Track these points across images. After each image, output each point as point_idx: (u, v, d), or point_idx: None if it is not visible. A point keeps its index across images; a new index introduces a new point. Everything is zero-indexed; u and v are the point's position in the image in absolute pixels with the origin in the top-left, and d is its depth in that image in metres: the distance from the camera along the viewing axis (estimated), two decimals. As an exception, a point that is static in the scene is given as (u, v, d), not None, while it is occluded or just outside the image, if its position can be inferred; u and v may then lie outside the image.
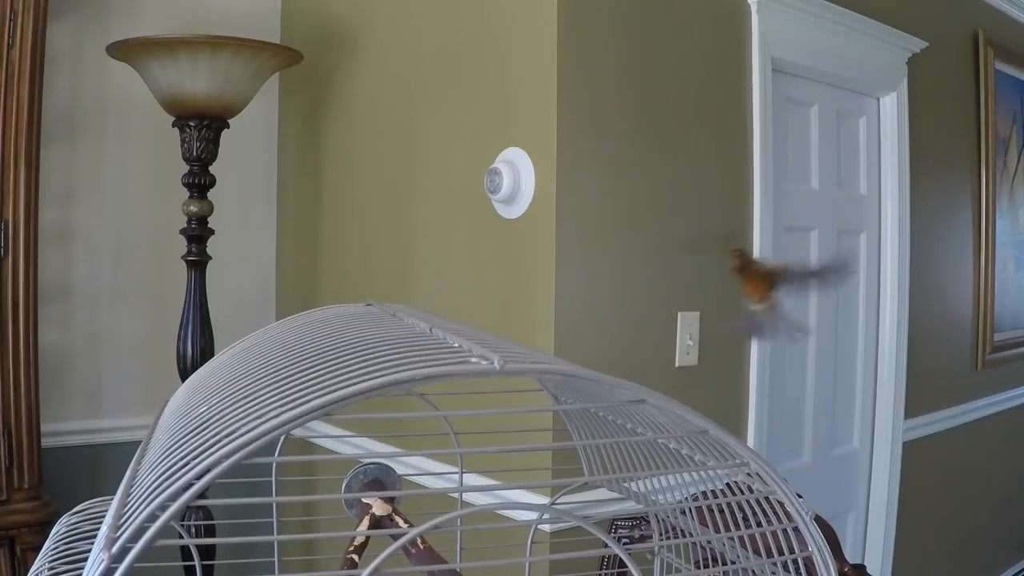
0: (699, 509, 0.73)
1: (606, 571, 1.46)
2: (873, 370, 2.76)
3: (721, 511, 0.70)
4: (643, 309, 1.99)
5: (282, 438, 0.67)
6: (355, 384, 0.50)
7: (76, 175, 2.36)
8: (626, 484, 0.84)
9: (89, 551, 0.74)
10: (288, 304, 2.65)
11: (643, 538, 1.26)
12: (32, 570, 0.84)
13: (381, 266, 2.36)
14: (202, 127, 2.13)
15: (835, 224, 2.60)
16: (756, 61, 2.23)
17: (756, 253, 2.15)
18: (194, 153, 2.14)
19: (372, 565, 0.49)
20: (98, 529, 0.58)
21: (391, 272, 2.32)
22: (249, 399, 0.55)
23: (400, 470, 0.94)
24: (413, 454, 0.68)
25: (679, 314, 2.05)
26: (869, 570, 1.53)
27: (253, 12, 2.61)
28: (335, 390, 0.50)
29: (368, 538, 0.83)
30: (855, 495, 2.74)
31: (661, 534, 0.82)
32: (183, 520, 2.01)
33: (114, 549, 0.43)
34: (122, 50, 2.04)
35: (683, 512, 0.78)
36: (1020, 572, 3.88)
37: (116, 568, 0.43)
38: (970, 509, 3.40)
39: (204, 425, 0.54)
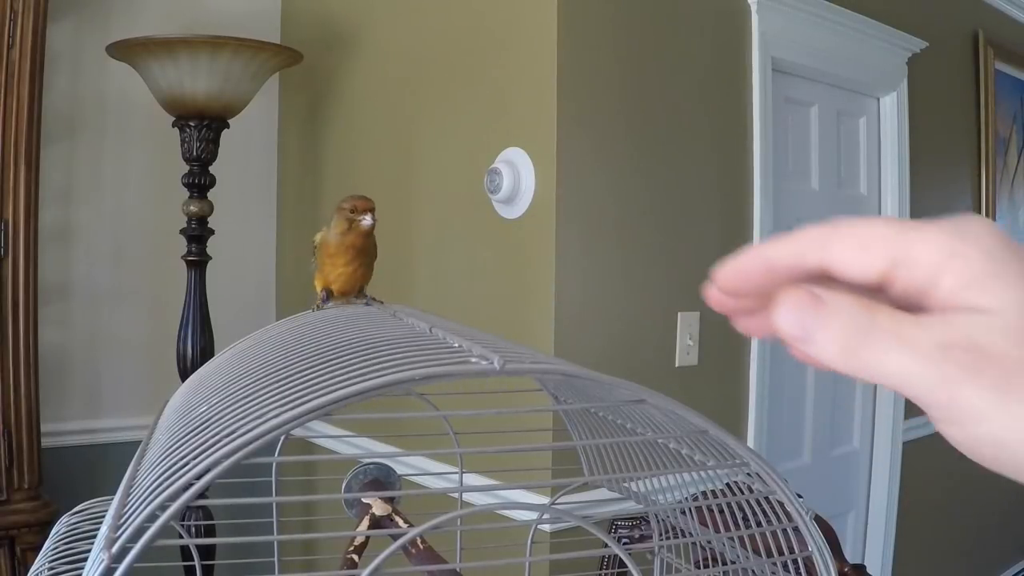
0: (699, 509, 0.73)
1: (606, 571, 1.46)
2: (873, 370, 2.76)
3: (721, 511, 0.70)
4: (643, 309, 1.99)
5: (282, 438, 0.67)
6: (355, 384, 0.50)
7: (76, 175, 2.36)
8: (626, 484, 0.84)
9: (89, 551, 0.74)
10: (288, 304, 2.64)
11: (643, 538, 1.26)
12: (32, 570, 0.84)
13: (381, 266, 2.35)
14: (202, 127, 2.13)
15: (835, 224, 2.60)
16: (756, 61, 2.23)
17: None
18: (194, 153, 2.14)
19: (372, 565, 0.49)
20: (98, 529, 0.58)
21: (391, 272, 2.31)
22: (249, 399, 0.55)
23: (400, 470, 0.94)
24: (413, 454, 0.68)
25: (679, 314, 2.05)
26: (869, 570, 1.53)
27: (253, 12, 2.61)
28: (335, 390, 0.50)
29: (368, 538, 0.83)
30: (855, 495, 2.74)
31: (661, 534, 0.82)
32: (183, 520, 2.01)
33: (114, 549, 0.43)
34: (122, 50, 2.04)
35: (683, 512, 0.78)
36: (1020, 572, 3.87)
37: (116, 568, 0.43)
38: (970, 509, 3.40)
39: (204, 425, 0.54)
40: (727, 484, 0.70)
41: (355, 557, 0.81)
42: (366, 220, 1.01)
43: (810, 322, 0.33)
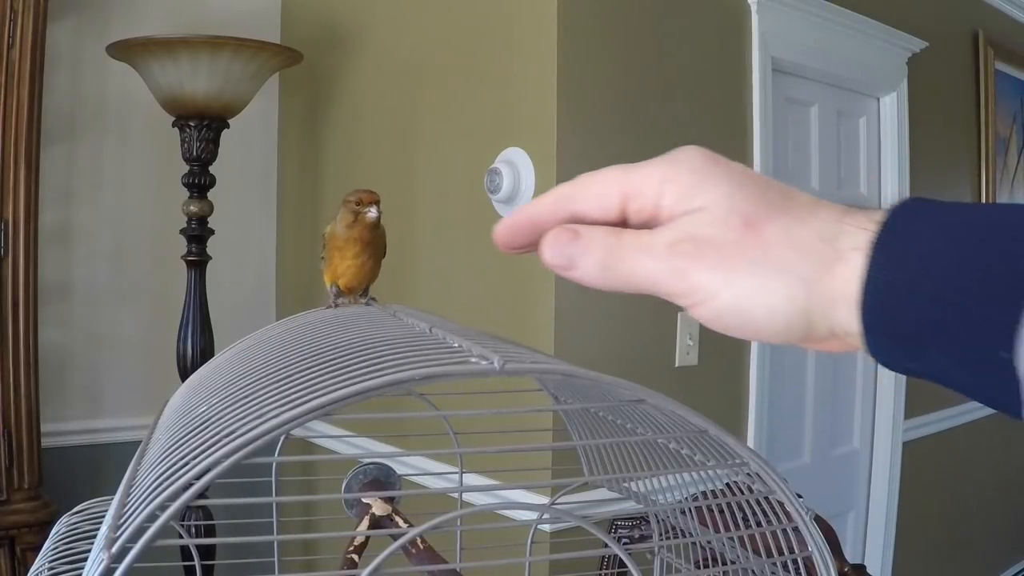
0: (699, 509, 0.73)
1: (606, 571, 1.46)
2: (873, 370, 2.76)
3: (721, 511, 0.70)
4: (643, 309, 1.99)
5: (282, 438, 0.67)
6: (355, 384, 0.50)
7: (76, 175, 2.36)
8: (626, 484, 0.84)
9: (89, 551, 0.74)
10: (288, 304, 2.64)
11: (643, 538, 1.26)
12: (32, 570, 0.84)
13: (382, 266, 2.36)
14: (202, 127, 2.13)
15: (835, 224, 2.60)
16: (756, 61, 2.23)
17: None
18: (194, 153, 2.14)
19: (372, 565, 0.49)
20: (98, 529, 0.58)
21: (392, 272, 2.31)
22: (249, 399, 0.55)
23: (400, 470, 0.94)
24: (413, 454, 0.68)
25: (679, 314, 2.05)
26: (869, 570, 1.53)
27: (253, 12, 2.61)
28: (335, 390, 0.50)
29: (368, 538, 0.83)
30: (855, 495, 2.74)
31: (661, 534, 0.82)
32: (183, 520, 2.01)
33: (114, 549, 0.43)
34: (122, 50, 2.04)
35: (683, 512, 0.78)
36: (1020, 572, 3.87)
37: (116, 568, 0.43)
38: (970, 509, 3.40)
39: (204, 425, 0.54)
40: (727, 484, 0.70)
41: (355, 557, 0.81)
42: (371, 212, 1.02)
43: (571, 251, 0.41)
